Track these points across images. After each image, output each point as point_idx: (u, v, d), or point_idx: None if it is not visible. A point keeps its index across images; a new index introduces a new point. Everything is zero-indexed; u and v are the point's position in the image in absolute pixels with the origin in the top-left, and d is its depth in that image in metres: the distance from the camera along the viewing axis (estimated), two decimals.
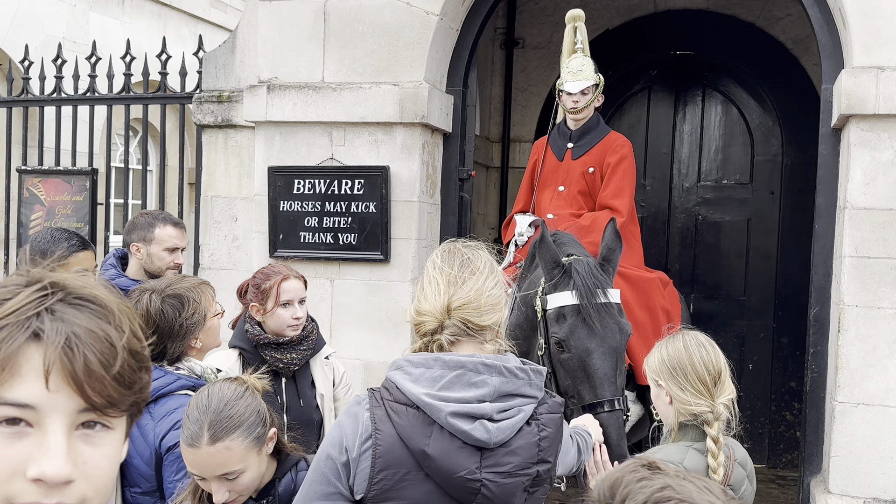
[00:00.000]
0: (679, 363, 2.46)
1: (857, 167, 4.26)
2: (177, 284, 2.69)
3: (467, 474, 1.77)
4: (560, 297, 3.03)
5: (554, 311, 3.04)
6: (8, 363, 0.89)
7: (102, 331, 0.93)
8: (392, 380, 1.86)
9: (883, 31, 4.22)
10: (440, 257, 1.99)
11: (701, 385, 2.43)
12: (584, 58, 4.19)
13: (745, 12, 6.89)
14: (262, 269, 3.21)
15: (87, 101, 6.08)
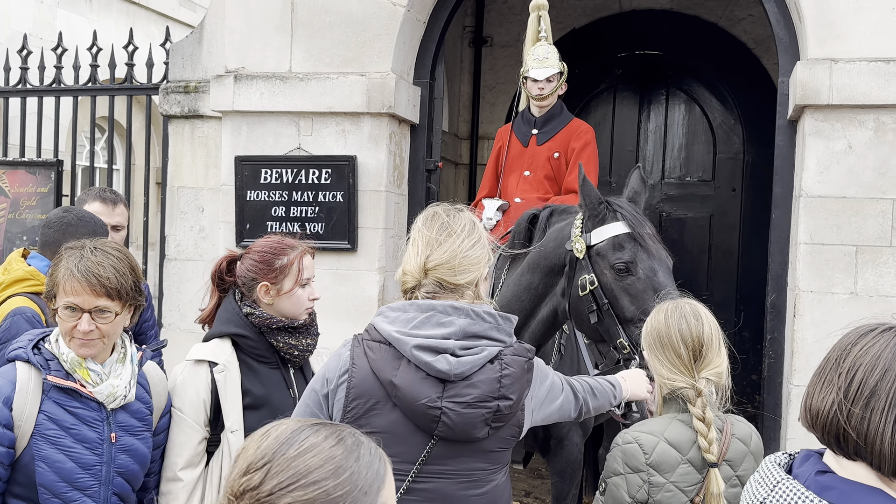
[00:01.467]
0: (657, 335, 2.36)
1: (811, 157, 4.37)
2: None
3: (429, 402, 1.94)
4: (612, 227, 3.12)
5: (608, 242, 3.10)
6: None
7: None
8: (372, 323, 2.08)
9: (836, 25, 4.35)
10: (422, 221, 2.14)
11: (677, 359, 2.32)
12: (548, 46, 4.27)
13: (707, 13, 7.03)
14: (263, 244, 2.64)
15: (52, 92, 6.05)
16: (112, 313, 2.23)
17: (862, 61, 4.28)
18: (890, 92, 4.24)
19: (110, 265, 2.23)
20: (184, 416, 2.49)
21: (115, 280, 2.22)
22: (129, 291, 2.26)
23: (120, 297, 2.23)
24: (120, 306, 2.25)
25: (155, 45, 6.13)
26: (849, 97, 4.29)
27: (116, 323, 2.27)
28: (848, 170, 4.32)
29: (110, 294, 2.21)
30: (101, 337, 2.23)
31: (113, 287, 2.21)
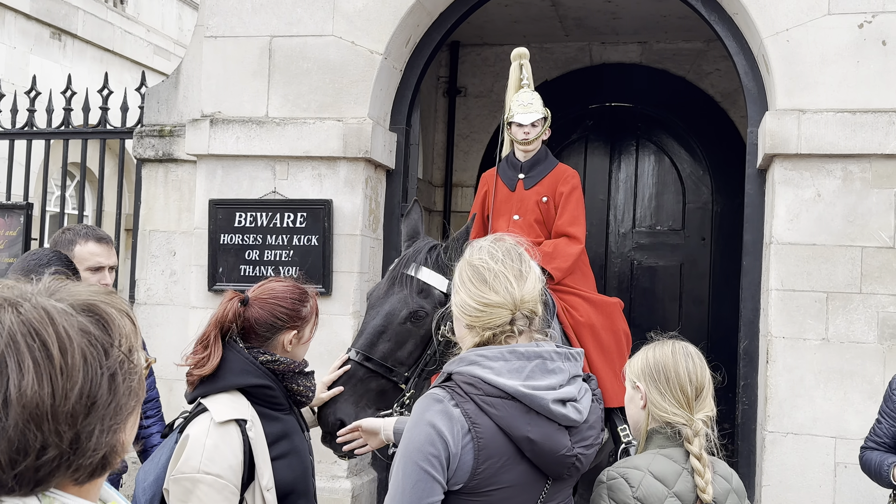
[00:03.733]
0: (664, 368, 2.35)
1: (781, 204, 4.46)
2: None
3: (566, 451, 2.00)
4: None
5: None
6: None
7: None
8: (473, 374, 1.97)
9: (803, 77, 4.48)
10: (500, 251, 2.13)
11: (682, 395, 2.33)
12: (532, 92, 4.34)
13: (675, 67, 7.20)
14: (284, 290, 2.51)
15: (24, 135, 6.02)
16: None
17: (829, 112, 4.40)
18: (856, 142, 4.35)
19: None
20: (226, 483, 2.28)
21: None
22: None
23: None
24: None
25: (129, 91, 6.13)
26: (817, 147, 4.39)
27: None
28: (817, 217, 4.41)
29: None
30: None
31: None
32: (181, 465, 2.29)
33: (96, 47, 10.79)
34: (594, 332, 4.04)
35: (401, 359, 3.07)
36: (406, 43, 5.17)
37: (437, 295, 3.13)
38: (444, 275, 3.15)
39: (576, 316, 4.01)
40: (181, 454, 2.30)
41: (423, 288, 3.11)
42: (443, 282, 3.15)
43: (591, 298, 4.17)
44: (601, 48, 7.35)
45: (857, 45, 4.43)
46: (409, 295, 3.09)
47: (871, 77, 4.39)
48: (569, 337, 3.90)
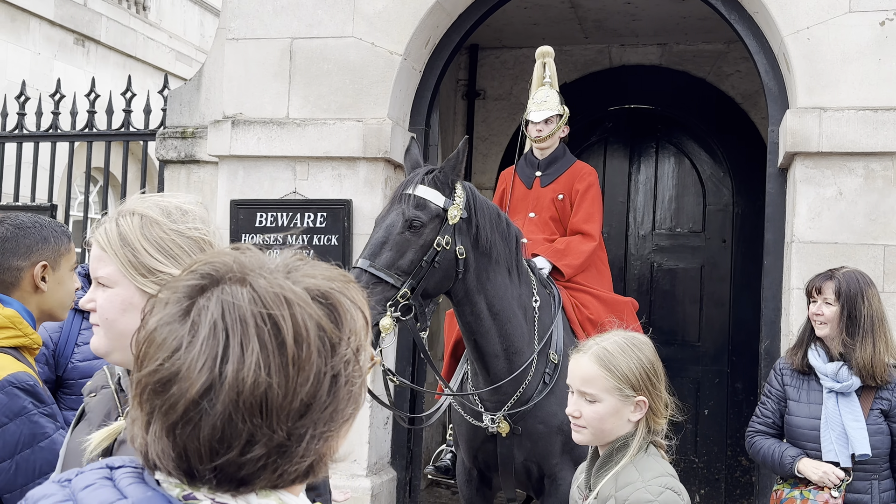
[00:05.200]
0: (655, 368, 2.18)
1: (802, 203, 4.43)
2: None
3: None
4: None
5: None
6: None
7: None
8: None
9: (824, 75, 4.46)
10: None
11: (665, 393, 2.21)
12: (549, 90, 4.36)
13: (695, 68, 7.18)
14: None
15: (49, 137, 6.09)
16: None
17: (851, 110, 4.38)
18: (878, 140, 4.33)
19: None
20: None
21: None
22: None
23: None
24: None
25: (152, 94, 6.20)
26: (838, 145, 4.37)
27: None
28: (839, 216, 4.39)
29: None
30: None
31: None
32: None
33: (119, 53, 10.92)
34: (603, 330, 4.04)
35: (402, 267, 3.28)
36: (425, 44, 5.20)
37: (434, 208, 3.36)
38: (441, 192, 3.40)
39: (585, 313, 4.01)
40: None
41: (419, 202, 3.34)
42: (439, 196, 3.39)
43: (602, 297, 4.17)
44: (620, 50, 7.35)
45: (878, 43, 4.41)
46: (406, 208, 3.32)
47: (892, 74, 4.37)
48: (575, 333, 3.91)
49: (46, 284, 2.31)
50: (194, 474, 0.88)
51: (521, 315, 3.60)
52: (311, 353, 0.89)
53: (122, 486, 0.91)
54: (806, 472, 3.27)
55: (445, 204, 3.37)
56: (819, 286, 3.37)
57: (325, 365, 0.90)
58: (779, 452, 3.36)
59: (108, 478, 0.93)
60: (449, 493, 6.85)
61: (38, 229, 2.34)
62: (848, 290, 3.31)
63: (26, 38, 9.67)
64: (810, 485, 3.28)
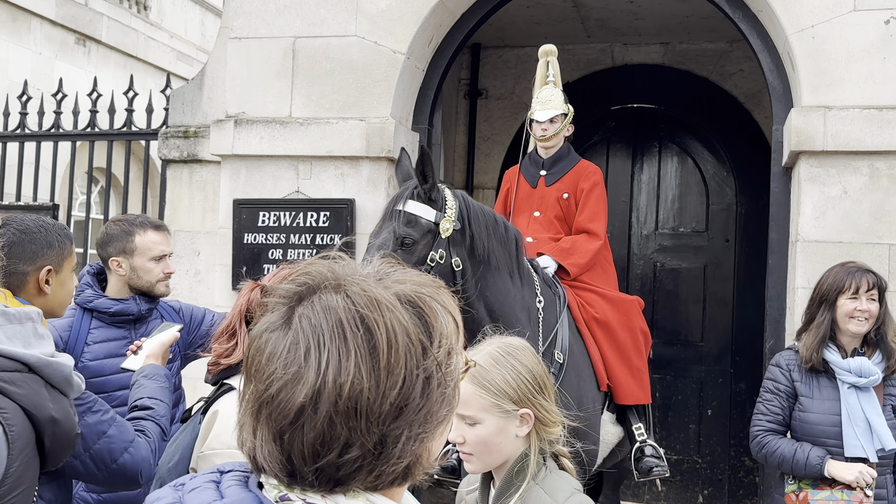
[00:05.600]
0: (535, 374, 1.98)
1: (807, 202, 4.42)
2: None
3: (77, 430, 1.96)
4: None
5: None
6: None
7: None
8: None
9: (829, 73, 4.44)
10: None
11: (553, 401, 2.02)
12: (553, 88, 4.34)
13: (699, 67, 7.17)
14: (282, 278, 2.41)
15: (51, 137, 6.08)
16: None
17: (855, 108, 4.36)
18: (883, 139, 4.31)
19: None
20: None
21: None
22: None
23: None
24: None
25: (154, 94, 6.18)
26: (843, 144, 4.35)
27: None
28: (844, 215, 4.37)
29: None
30: None
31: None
32: (210, 441, 2.28)
33: (120, 53, 10.91)
34: (608, 328, 4.03)
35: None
36: (428, 43, 5.18)
37: (425, 223, 3.35)
38: (432, 206, 3.38)
39: (590, 312, 4.00)
40: (209, 431, 2.30)
41: (410, 219, 3.33)
42: (429, 211, 3.37)
43: (607, 295, 4.16)
44: (623, 49, 7.33)
45: (883, 41, 4.39)
46: (397, 226, 3.31)
47: None
48: (581, 332, 3.89)
49: (50, 287, 2.42)
50: (296, 476, 0.93)
51: (525, 317, 3.58)
52: (399, 357, 0.92)
53: (223, 488, 0.98)
54: (837, 473, 3.20)
55: (437, 218, 3.35)
56: (870, 282, 3.32)
57: (416, 368, 0.93)
58: (804, 453, 3.26)
59: (216, 481, 1.01)
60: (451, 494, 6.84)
61: (43, 234, 2.43)
62: (880, 285, 3.33)
63: (27, 38, 9.66)
64: (837, 484, 3.23)
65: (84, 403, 2.16)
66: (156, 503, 1.02)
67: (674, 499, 6.95)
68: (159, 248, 3.24)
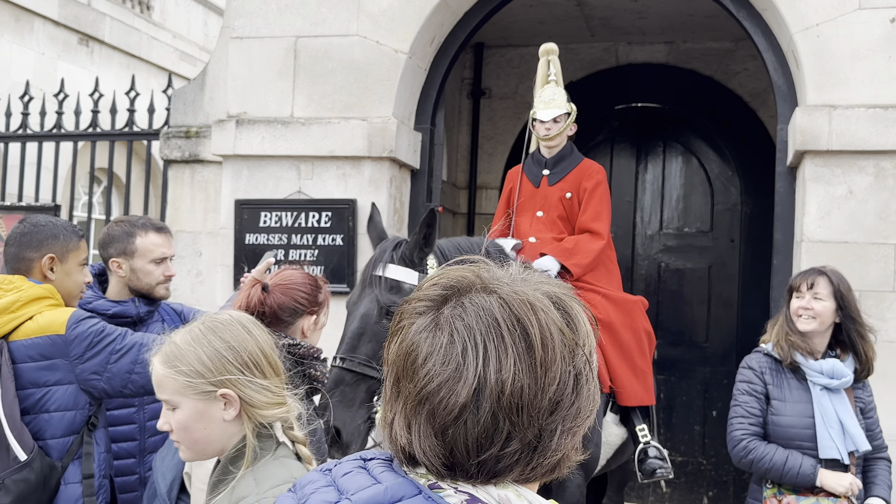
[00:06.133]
0: (240, 350, 1.82)
1: (812, 202, 4.38)
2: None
3: None
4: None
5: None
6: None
7: None
8: None
9: (834, 72, 4.40)
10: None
11: (274, 373, 1.87)
12: (556, 87, 4.31)
13: (703, 67, 7.13)
14: (300, 277, 2.56)
15: (53, 137, 6.06)
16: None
17: (860, 108, 4.32)
18: (889, 138, 4.27)
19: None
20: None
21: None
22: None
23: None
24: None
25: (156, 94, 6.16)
26: (848, 143, 4.32)
27: None
28: (849, 215, 4.33)
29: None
30: None
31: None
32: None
33: (123, 53, 10.90)
34: (612, 329, 4.00)
35: (382, 356, 3.08)
36: (431, 42, 5.15)
37: (408, 288, 3.21)
38: (413, 268, 3.27)
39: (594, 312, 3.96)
40: None
41: (392, 285, 3.21)
42: (411, 274, 3.26)
43: (610, 296, 4.12)
44: (627, 48, 7.30)
45: (888, 40, 4.36)
46: (379, 293, 3.18)
47: None
48: None
49: (54, 274, 2.75)
50: (455, 468, 0.98)
51: None
52: (555, 355, 0.98)
53: (376, 473, 1.03)
54: (830, 484, 3.18)
55: (419, 280, 3.22)
56: (813, 281, 3.33)
57: (567, 365, 0.99)
58: (796, 462, 3.20)
59: (363, 467, 1.06)
60: None
61: (49, 227, 2.79)
62: (839, 286, 3.32)
63: (30, 38, 9.65)
64: (821, 492, 3.21)
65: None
66: (308, 486, 1.07)
67: (678, 500, 6.92)
68: (160, 250, 3.23)
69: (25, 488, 2.46)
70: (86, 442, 2.65)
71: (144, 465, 3.12)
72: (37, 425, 2.58)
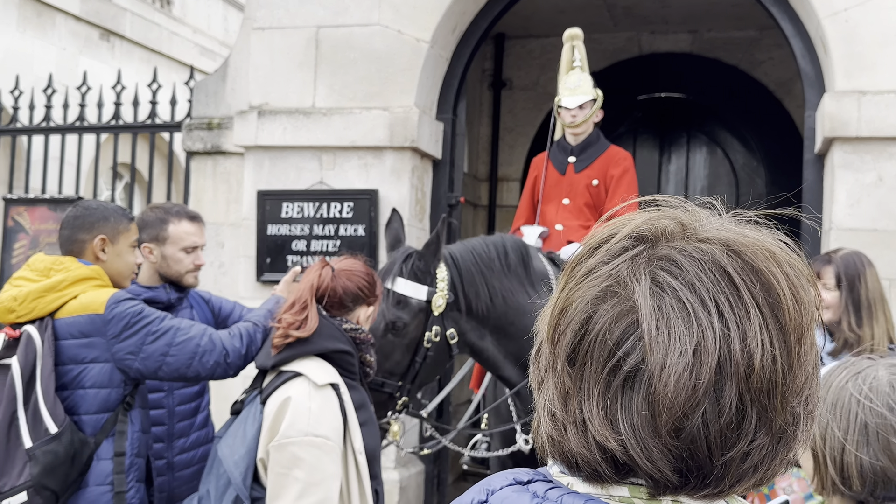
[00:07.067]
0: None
1: (841, 189, 4.31)
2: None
3: None
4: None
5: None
6: None
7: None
8: None
9: (863, 57, 4.33)
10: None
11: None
12: (581, 73, 4.26)
13: (727, 56, 7.05)
14: (360, 266, 2.59)
15: (75, 129, 6.08)
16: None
17: (890, 93, 4.25)
18: None
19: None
20: (334, 445, 2.31)
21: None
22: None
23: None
24: None
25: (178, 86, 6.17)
26: (878, 129, 4.24)
27: None
28: (878, 202, 4.26)
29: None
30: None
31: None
32: (286, 429, 2.26)
33: (143, 48, 10.93)
34: None
35: (390, 369, 3.11)
36: (452, 31, 5.12)
37: (416, 303, 3.16)
38: (422, 282, 3.17)
39: None
40: (281, 420, 2.29)
41: (399, 299, 3.15)
42: (420, 289, 3.17)
43: None
44: (650, 38, 7.23)
45: None
46: (386, 308, 3.12)
47: None
48: None
49: (106, 255, 2.84)
50: (689, 475, 0.75)
51: None
52: (806, 319, 0.76)
53: (556, 496, 0.79)
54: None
55: (428, 295, 3.16)
56: (819, 270, 3.25)
57: (814, 330, 0.78)
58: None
59: (535, 493, 0.80)
60: None
61: (101, 210, 2.88)
62: (846, 273, 3.21)
63: (52, 34, 9.70)
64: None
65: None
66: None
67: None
68: (191, 238, 3.25)
69: (53, 460, 2.51)
70: (120, 420, 2.71)
71: (173, 450, 3.14)
72: (73, 400, 2.66)
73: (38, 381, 2.59)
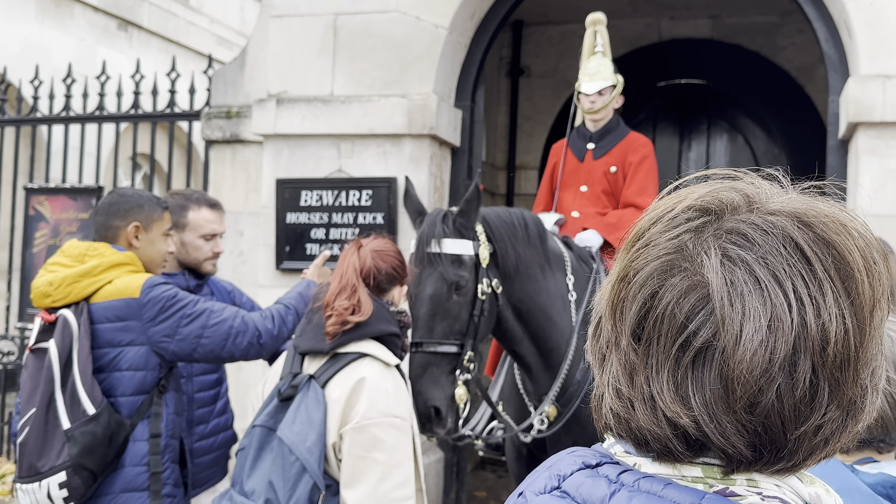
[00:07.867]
0: None
1: (866, 174, 4.25)
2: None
3: None
4: (411, 245, 3.20)
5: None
6: None
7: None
8: None
9: (888, 41, 4.26)
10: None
11: None
12: (602, 59, 4.22)
13: (749, 41, 6.97)
14: (391, 246, 2.58)
15: (95, 119, 6.10)
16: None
17: None
18: None
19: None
20: (409, 425, 2.31)
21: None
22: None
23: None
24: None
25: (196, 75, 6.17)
26: None
27: None
28: None
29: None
30: None
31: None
32: (367, 410, 2.24)
33: (161, 38, 10.96)
34: None
35: (458, 330, 3.11)
36: (471, 17, 5.08)
37: (469, 259, 3.15)
38: (467, 237, 3.17)
39: None
40: (355, 402, 2.26)
41: (454, 259, 3.12)
42: (468, 245, 3.17)
43: None
44: (670, 24, 7.16)
45: None
46: (444, 270, 3.09)
47: None
48: None
49: (139, 242, 2.88)
50: (764, 449, 0.75)
51: (560, 303, 3.48)
52: (880, 292, 0.76)
53: (633, 481, 0.78)
54: None
55: (475, 248, 3.17)
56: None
57: (883, 306, 0.77)
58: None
59: (606, 476, 0.80)
60: (495, 477, 6.78)
61: (136, 198, 2.92)
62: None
63: (70, 24, 9.74)
64: None
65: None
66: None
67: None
68: (211, 226, 3.28)
69: (92, 441, 2.56)
70: (155, 403, 2.76)
71: (192, 437, 3.16)
72: (109, 383, 2.70)
73: (75, 363, 2.63)
